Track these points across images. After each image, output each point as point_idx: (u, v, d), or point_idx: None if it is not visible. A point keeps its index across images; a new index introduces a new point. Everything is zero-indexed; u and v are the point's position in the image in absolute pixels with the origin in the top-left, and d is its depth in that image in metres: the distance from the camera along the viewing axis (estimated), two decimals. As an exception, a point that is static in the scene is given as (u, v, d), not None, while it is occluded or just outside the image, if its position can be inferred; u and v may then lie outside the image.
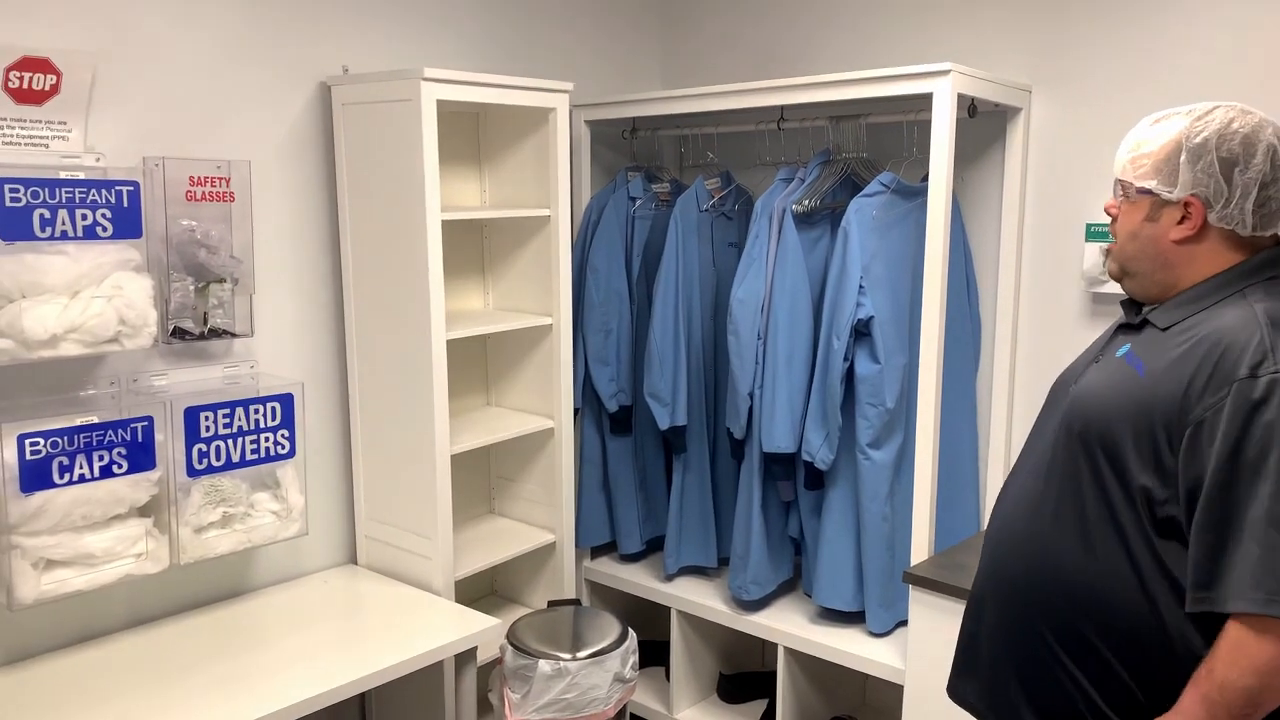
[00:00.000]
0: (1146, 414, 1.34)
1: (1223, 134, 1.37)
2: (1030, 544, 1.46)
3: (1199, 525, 1.29)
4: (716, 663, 3.01)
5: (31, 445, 1.84)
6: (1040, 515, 1.45)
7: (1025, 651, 1.46)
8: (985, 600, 1.54)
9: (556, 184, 2.61)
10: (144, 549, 2.02)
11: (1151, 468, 1.34)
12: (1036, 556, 1.45)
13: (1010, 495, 1.55)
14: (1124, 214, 1.47)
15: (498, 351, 2.86)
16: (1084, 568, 1.39)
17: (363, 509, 2.59)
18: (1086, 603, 1.39)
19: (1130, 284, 1.49)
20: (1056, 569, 1.42)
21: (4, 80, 1.88)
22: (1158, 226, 1.42)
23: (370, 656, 2.09)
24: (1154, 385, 1.35)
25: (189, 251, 2.15)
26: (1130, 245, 1.46)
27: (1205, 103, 1.42)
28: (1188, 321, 1.39)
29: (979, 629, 1.55)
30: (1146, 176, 1.41)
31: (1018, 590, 1.47)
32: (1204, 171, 1.37)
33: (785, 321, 2.54)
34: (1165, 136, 1.40)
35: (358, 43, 2.52)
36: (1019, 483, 1.54)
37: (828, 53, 2.92)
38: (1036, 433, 1.56)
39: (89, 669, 2.02)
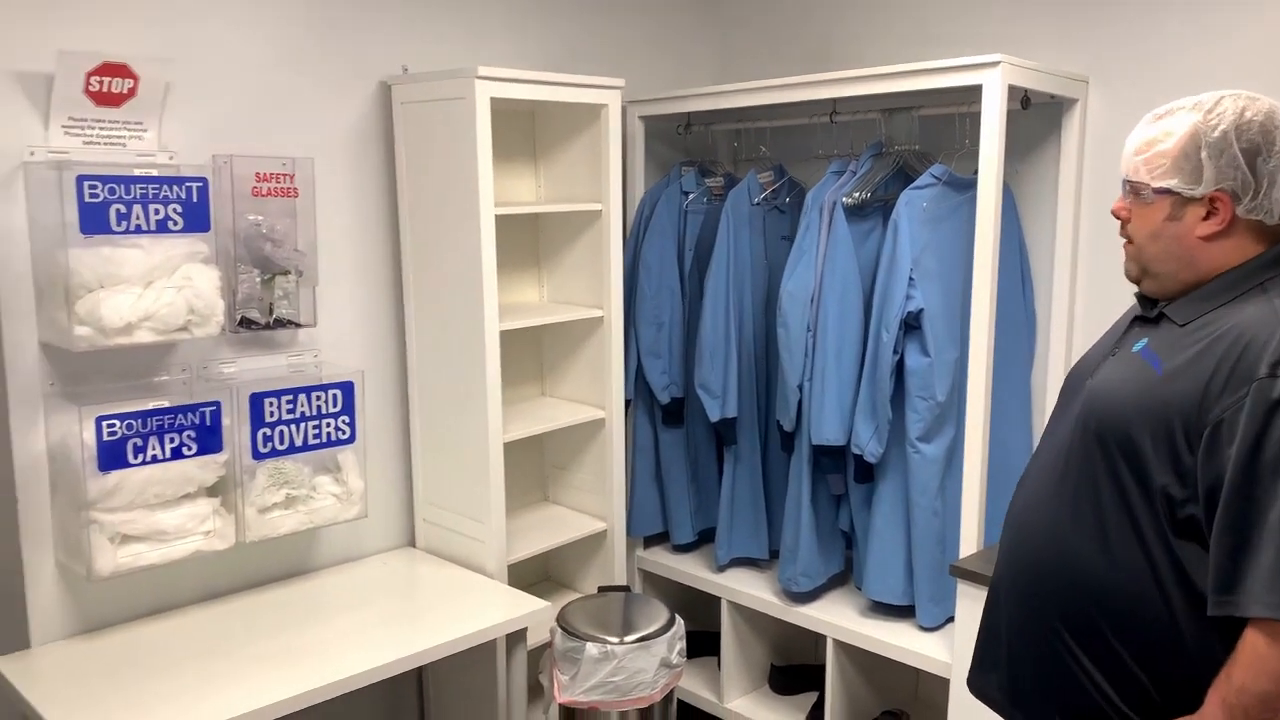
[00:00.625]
0: (1164, 412, 1.32)
1: (1240, 124, 1.34)
2: (1047, 539, 1.45)
3: (1219, 527, 1.27)
4: (768, 654, 3.03)
5: (108, 427, 1.95)
6: (1057, 510, 1.44)
7: (1043, 647, 1.45)
8: (1002, 594, 1.53)
9: (608, 179, 2.65)
10: (212, 527, 2.13)
11: (1170, 467, 1.32)
12: (1053, 552, 1.43)
13: (1027, 488, 1.53)
14: (1139, 215, 1.43)
15: (552, 343, 2.93)
16: (1100, 565, 1.38)
17: (420, 493, 2.67)
18: (1102, 600, 1.38)
19: (1151, 284, 1.45)
20: (1073, 566, 1.41)
21: (85, 84, 2.00)
22: (1182, 225, 1.39)
23: (425, 633, 2.17)
24: (1172, 383, 1.33)
25: (255, 245, 2.26)
26: (1153, 246, 1.42)
27: (1207, 94, 1.39)
28: (1207, 317, 1.36)
29: (998, 623, 1.54)
30: (1165, 175, 1.37)
31: (1034, 585, 1.46)
32: (1229, 165, 1.34)
33: (835, 314, 2.54)
34: (1178, 132, 1.37)
35: (417, 43, 2.60)
36: (1036, 475, 1.52)
37: (882, 45, 2.91)
38: (1055, 423, 1.54)
39: (162, 638, 2.14)
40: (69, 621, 2.14)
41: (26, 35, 1.98)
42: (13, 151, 1.98)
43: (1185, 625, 1.32)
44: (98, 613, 2.18)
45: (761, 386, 2.90)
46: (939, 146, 2.62)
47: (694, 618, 3.05)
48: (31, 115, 1.99)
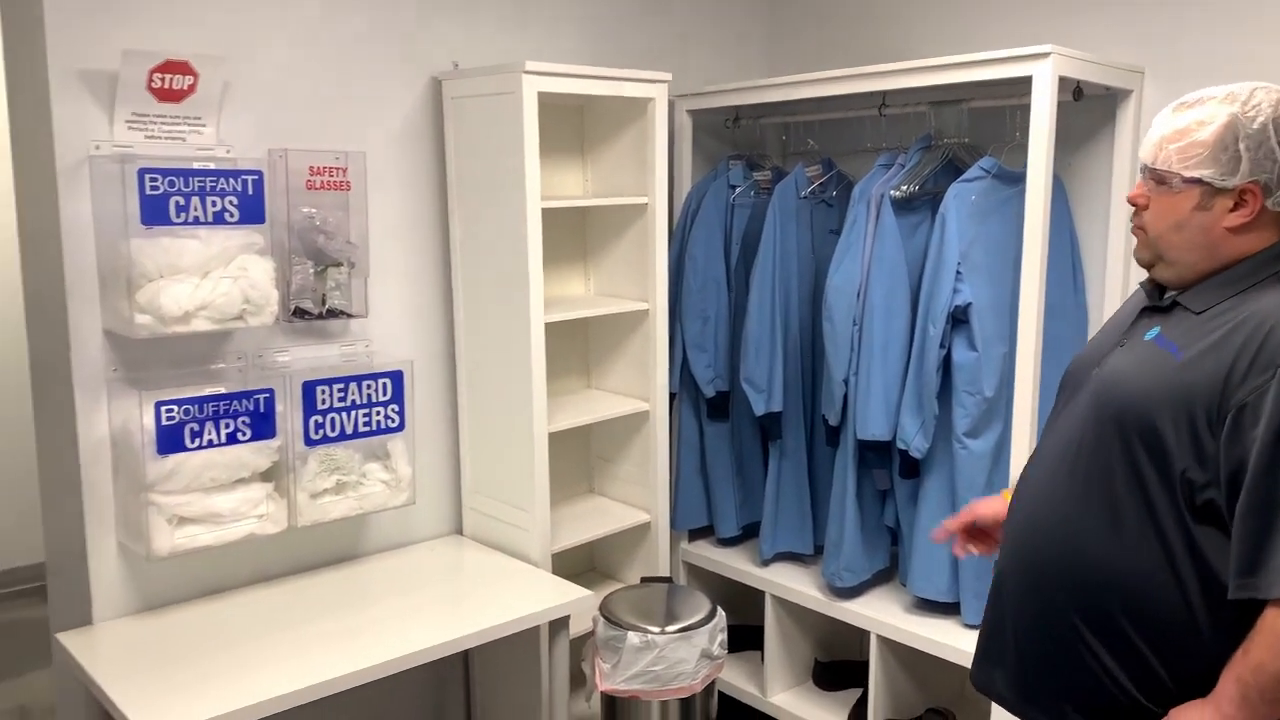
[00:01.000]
0: (1186, 398, 1.32)
1: (1276, 117, 1.34)
2: (1058, 529, 1.44)
3: (1242, 510, 1.27)
4: (812, 649, 3.03)
5: (167, 412, 2.02)
6: (1068, 500, 1.43)
7: (1054, 637, 1.44)
8: (1008, 587, 1.53)
9: (654, 172, 2.67)
10: (265, 511, 2.20)
11: (1191, 452, 1.32)
12: (1064, 541, 1.43)
13: (1034, 480, 1.53)
14: (1162, 204, 1.41)
15: (598, 336, 2.95)
16: (1115, 552, 1.38)
17: (468, 482, 2.72)
18: (1115, 588, 1.38)
19: (1166, 271, 1.45)
20: (1086, 554, 1.40)
21: (148, 81, 2.07)
22: (1210, 215, 1.38)
23: (471, 618, 2.21)
24: (1192, 369, 1.33)
25: (309, 237, 2.31)
26: (1176, 235, 1.41)
27: (1237, 84, 1.37)
28: (1224, 305, 1.36)
29: (1003, 616, 1.54)
30: (1200, 165, 1.36)
31: (1045, 575, 1.46)
32: (1265, 157, 1.34)
33: (881, 308, 2.53)
34: (1214, 123, 1.35)
35: (469, 38, 2.64)
36: (1043, 467, 1.51)
37: (932, 36, 2.88)
38: (1058, 417, 1.53)
39: (216, 618, 2.21)
40: (129, 599, 2.22)
41: (93, 35, 2.06)
42: (80, 146, 2.06)
43: (1200, 610, 1.33)
44: (156, 591, 2.25)
45: (807, 381, 2.89)
46: (989, 139, 2.59)
47: (738, 612, 3.05)
48: (97, 111, 2.07)
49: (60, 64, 2.02)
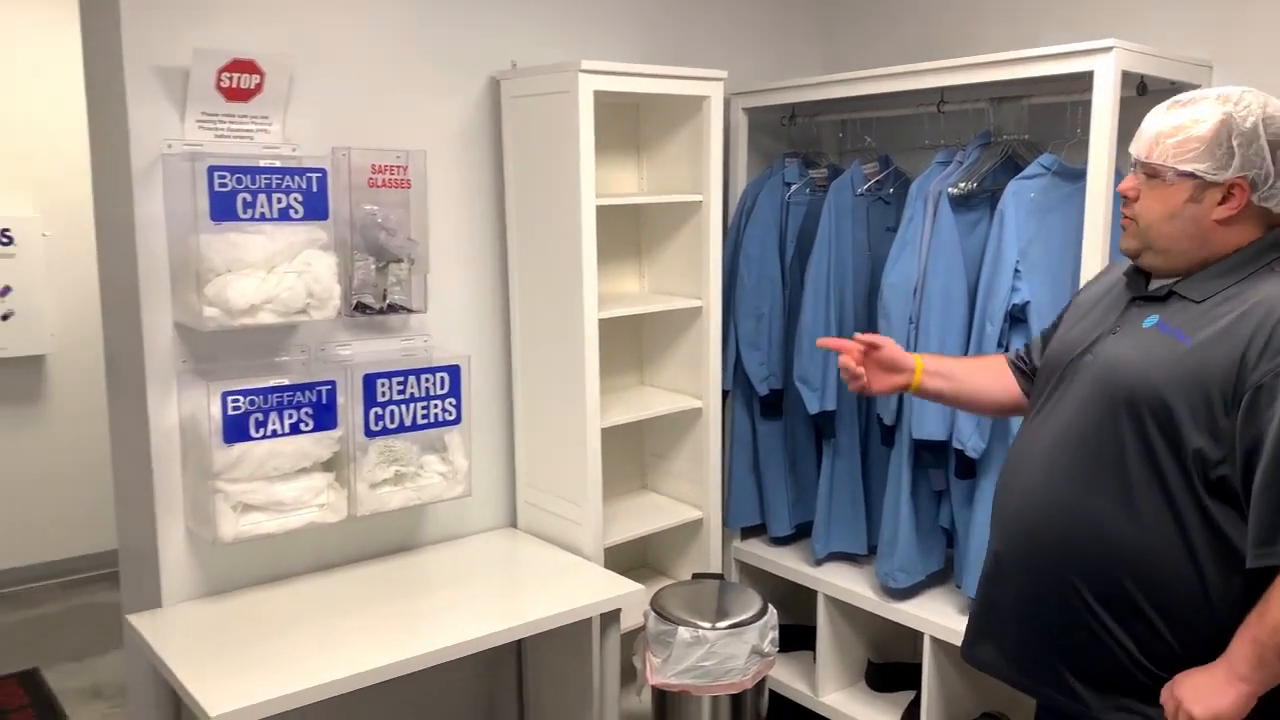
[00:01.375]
0: (1200, 380, 1.41)
1: (1266, 118, 1.45)
2: (1068, 510, 1.52)
3: (1261, 484, 1.37)
4: (865, 650, 3.01)
5: (233, 402, 2.09)
6: (1076, 482, 1.51)
7: (1060, 613, 1.53)
8: (1007, 566, 1.61)
9: (709, 170, 2.68)
10: (326, 500, 2.25)
11: (1206, 431, 1.41)
12: (1077, 521, 1.51)
13: (1031, 465, 1.59)
14: (1155, 196, 1.51)
15: (651, 332, 2.97)
16: (1127, 529, 1.46)
17: (522, 476, 2.76)
18: (1130, 562, 1.46)
19: (1156, 260, 1.54)
20: (1098, 530, 1.49)
21: (217, 81, 2.14)
22: (1200, 207, 1.48)
23: (524, 609, 2.24)
24: (1204, 353, 1.43)
25: (371, 233, 2.37)
26: (1168, 226, 1.50)
27: (1227, 88, 1.49)
28: (1224, 294, 1.47)
29: (1000, 595, 1.63)
30: (1195, 160, 1.46)
31: (1056, 553, 1.53)
32: (1255, 154, 1.44)
33: (938, 306, 2.51)
34: (1209, 121, 1.45)
35: (526, 38, 2.67)
36: (1039, 452, 1.58)
37: (992, 31, 2.84)
38: (1047, 403, 1.61)
39: (278, 603, 2.27)
40: (196, 583, 2.29)
41: (167, 35, 2.13)
42: (153, 146, 2.13)
43: (1211, 580, 1.43)
44: (221, 577, 2.32)
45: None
46: (1049, 135, 2.55)
47: (790, 611, 3.04)
48: (170, 111, 2.14)
49: (136, 65, 2.10)
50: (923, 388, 1.86)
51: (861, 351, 1.83)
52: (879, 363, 1.84)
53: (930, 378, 1.86)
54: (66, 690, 3.41)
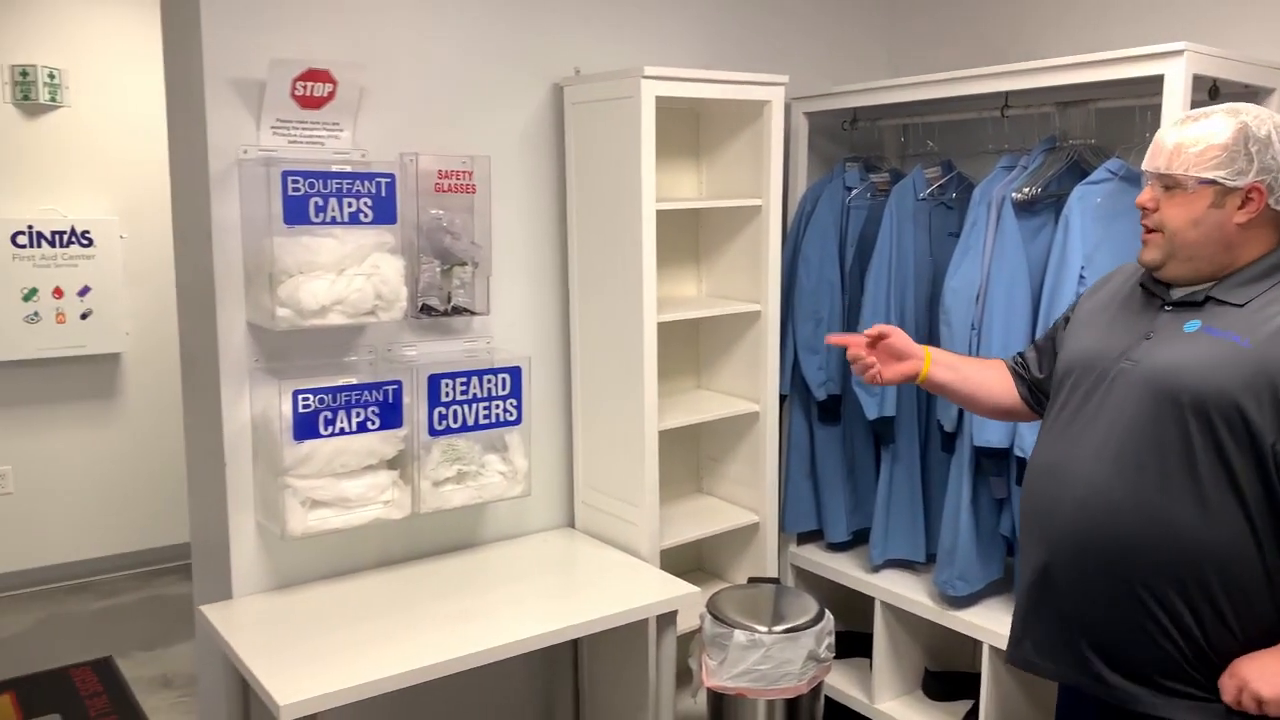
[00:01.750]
0: (1269, 378, 1.49)
1: (1276, 126, 1.55)
2: (1138, 512, 1.55)
3: None
4: (922, 658, 2.98)
5: (303, 400, 2.15)
6: (1143, 486, 1.55)
7: (1122, 612, 1.58)
8: (1057, 578, 1.65)
9: (769, 174, 2.69)
10: (391, 497, 2.31)
11: (1276, 427, 1.48)
12: (1146, 524, 1.55)
13: (1080, 475, 1.62)
14: (1176, 205, 1.58)
15: (709, 336, 2.98)
16: (1200, 527, 1.51)
17: (580, 477, 2.79)
18: (1200, 559, 1.51)
19: (1181, 268, 1.61)
20: (1170, 531, 1.53)
21: (292, 89, 2.20)
22: (1223, 212, 1.56)
23: (582, 608, 2.27)
24: (1266, 351, 1.50)
25: (436, 237, 2.42)
26: (1193, 232, 1.58)
27: (1233, 104, 1.59)
28: (1267, 296, 1.55)
29: (1049, 602, 1.67)
30: (1216, 167, 1.54)
31: (1118, 558, 1.57)
32: (1271, 159, 1.53)
33: (1001, 312, 2.48)
34: (1226, 130, 1.54)
35: (589, 44, 2.71)
36: (1089, 460, 1.61)
37: (1058, 35, 2.81)
38: (1085, 410, 1.65)
39: (343, 597, 2.33)
40: (265, 577, 2.36)
41: (244, 45, 2.20)
42: (230, 151, 2.21)
43: (1277, 570, 1.51)
44: (289, 570, 2.39)
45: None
46: (1117, 140, 2.51)
47: (846, 617, 3.03)
48: (246, 118, 2.22)
49: (215, 75, 2.18)
50: (930, 377, 1.94)
51: (870, 342, 1.92)
52: (889, 350, 1.93)
53: (938, 368, 1.94)
54: (138, 678, 3.52)
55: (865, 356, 1.91)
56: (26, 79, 4.10)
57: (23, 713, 3.28)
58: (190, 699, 3.36)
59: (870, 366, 1.91)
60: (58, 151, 4.22)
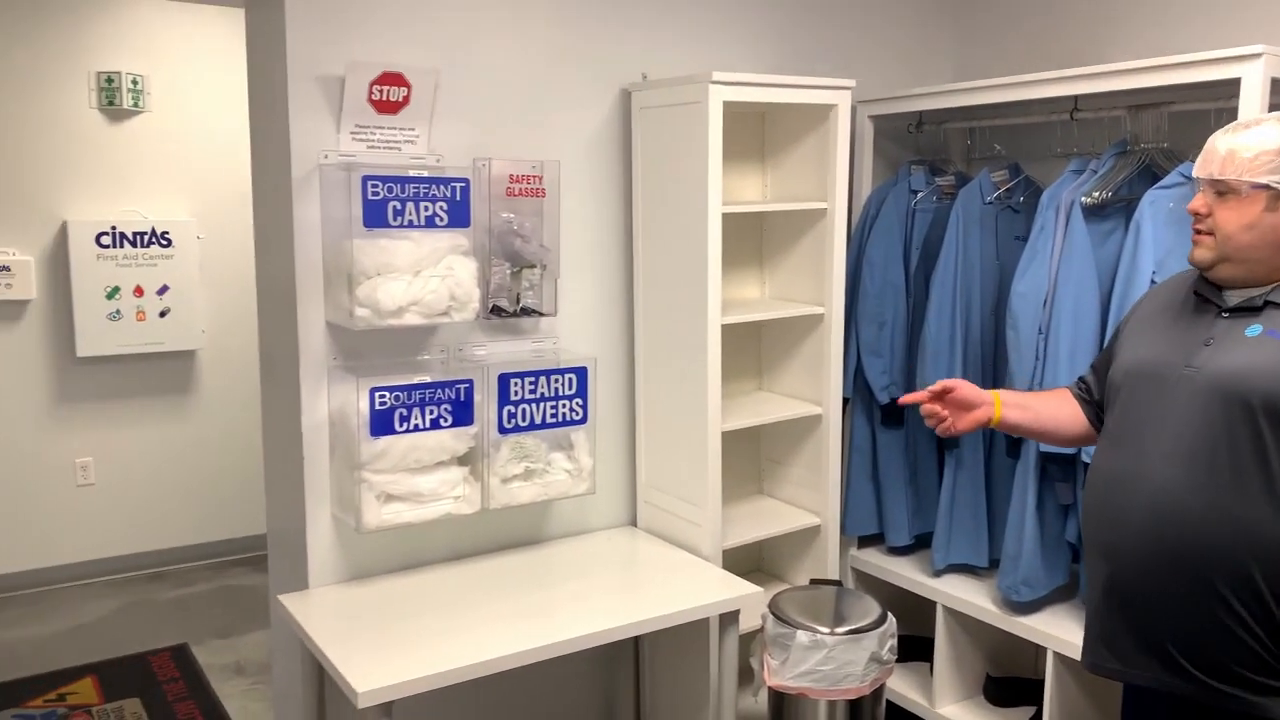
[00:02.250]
0: None
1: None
2: (1208, 513, 1.59)
3: None
4: (983, 663, 2.97)
5: (379, 397, 2.22)
6: (1214, 487, 1.58)
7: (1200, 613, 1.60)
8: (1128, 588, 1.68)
9: (835, 178, 2.70)
10: (461, 493, 2.37)
11: None
12: (1220, 525, 1.58)
13: (1147, 483, 1.65)
14: (1230, 209, 1.63)
15: (771, 339, 3.00)
16: (1275, 524, 1.55)
17: (643, 476, 2.83)
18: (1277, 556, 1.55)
19: (1234, 270, 1.65)
20: (1245, 530, 1.56)
21: (369, 93, 2.28)
22: (1276, 216, 1.60)
23: (645, 605, 2.31)
24: None
25: (507, 240, 2.47)
26: (1246, 236, 1.62)
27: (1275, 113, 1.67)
28: None
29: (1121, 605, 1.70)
30: (1270, 172, 1.59)
31: (1192, 560, 1.60)
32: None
33: (1069, 316, 2.47)
34: (1278, 137, 1.59)
35: (656, 51, 2.75)
36: (1156, 467, 1.64)
37: (1128, 37, 2.78)
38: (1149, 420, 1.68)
39: (414, 590, 2.39)
40: (339, 568, 2.44)
41: (326, 54, 2.28)
42: (311, 156, 2.28)
43: None
44: (362, 562, 2.46)
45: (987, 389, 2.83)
46: (1189, 144, 2.47)
47: (907, 621, 3.02)
48: (327, 124, 2.29)
49: (298, 82, 2.26)
50: (1004, 420, 1.97)
51: (936, 395, 1.96)
52: (957, 403, 1.96)
53: (1009, 409, 1.97)
54: (212, 665, 3.64)
55: (938, 410, 1.95)
56: (111, 85, 4.26)
57: (104, 695, 3.41)
58: (262, 686, 3.46)
59: (943, 419, 1.95)
60: (139, 155, 4.38)
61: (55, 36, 4.19)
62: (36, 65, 4.16)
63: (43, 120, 4.20)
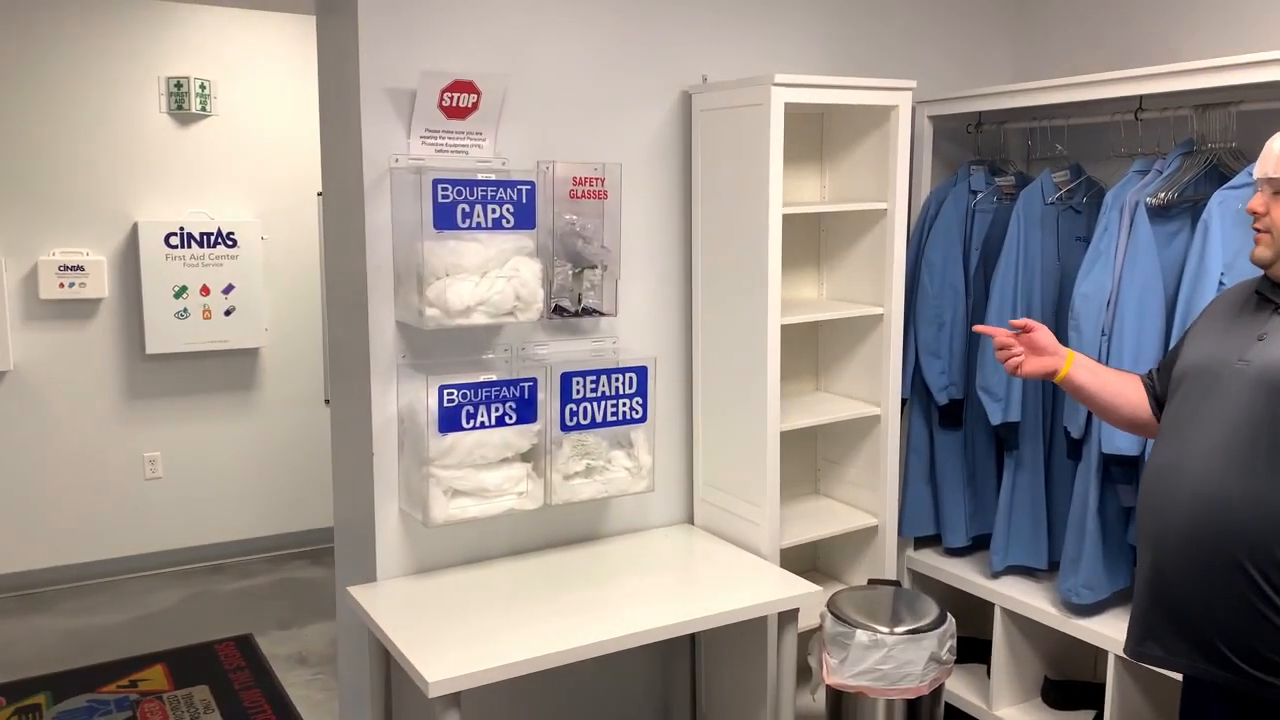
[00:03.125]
0: None
1: None
2: (1251, 502, 1.61)
3: None
4: (1042, 666, 2.95)
5: (447, 395, 2.27)
6: (1255, 474, 1.61)
7: (1238, 603, 1.62)
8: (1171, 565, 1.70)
9: (894, 179, 2.70)
10: (524, 489, 2.42)
11: None
12: (1259, 512, 1.60)
13: (1192, 475, 1.68)
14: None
15: (828, 339, 3.01)
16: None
17: (700, 474, 2.85)
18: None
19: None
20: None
21: (439, 100, 2.33)
22: None
23: (704, 602, 2.34)
24: None
25: (569, 241, 2.52)
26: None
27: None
28: None
29: (1164, 592, 1.73)
30: None
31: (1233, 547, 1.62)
32: None
33: (1133, 318, 2.45)
34: None
35: (716, 52, 2.77)
36: (1202, 458, 1.67)
37: (1192, 35, 2.75)
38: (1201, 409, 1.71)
39: (478, 583, 2.45)
40: (406, 561, 2.50)
41: (397, 60, 2.34)
42: (382, 160, 2.34)
43: None
44: (428, 556, 2.52)
45: (1048, 390, 2.83)
46: (1259, 143, 2.43)
47: (963, 623, 3.01)
48: (397, 128, 2.35)
49: (370, 88, 2.32)
50: (1070, 377, 1.99)
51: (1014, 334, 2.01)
52: (1031, 345, 2.01)
53: (1079, 369, 2.00)
54: (276, 655, 3.74)
55: (1012, 344, 2.00)
56: (180, 90, 4.39)
57: (174, 682, 3.52)
58: (324, 677, 3.55)
59: (1016, 354, 2.00)
60: (206, 157, 4.51)
61: (127, 44, 4.32)
62: (110, 72, 4.30)
63: (115, 124, 4.33)
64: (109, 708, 3.34)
